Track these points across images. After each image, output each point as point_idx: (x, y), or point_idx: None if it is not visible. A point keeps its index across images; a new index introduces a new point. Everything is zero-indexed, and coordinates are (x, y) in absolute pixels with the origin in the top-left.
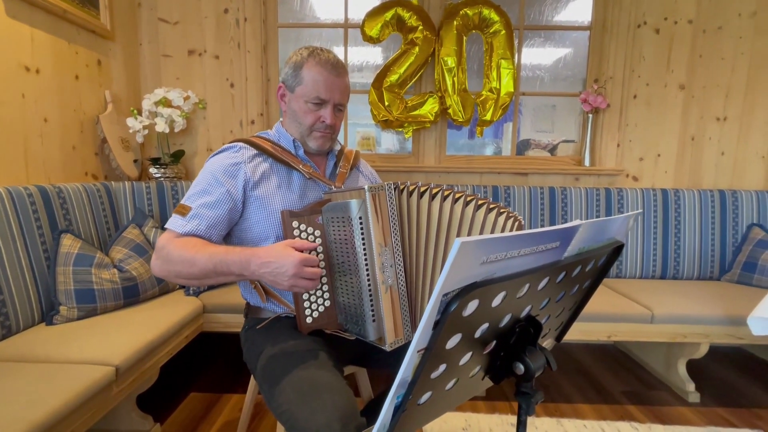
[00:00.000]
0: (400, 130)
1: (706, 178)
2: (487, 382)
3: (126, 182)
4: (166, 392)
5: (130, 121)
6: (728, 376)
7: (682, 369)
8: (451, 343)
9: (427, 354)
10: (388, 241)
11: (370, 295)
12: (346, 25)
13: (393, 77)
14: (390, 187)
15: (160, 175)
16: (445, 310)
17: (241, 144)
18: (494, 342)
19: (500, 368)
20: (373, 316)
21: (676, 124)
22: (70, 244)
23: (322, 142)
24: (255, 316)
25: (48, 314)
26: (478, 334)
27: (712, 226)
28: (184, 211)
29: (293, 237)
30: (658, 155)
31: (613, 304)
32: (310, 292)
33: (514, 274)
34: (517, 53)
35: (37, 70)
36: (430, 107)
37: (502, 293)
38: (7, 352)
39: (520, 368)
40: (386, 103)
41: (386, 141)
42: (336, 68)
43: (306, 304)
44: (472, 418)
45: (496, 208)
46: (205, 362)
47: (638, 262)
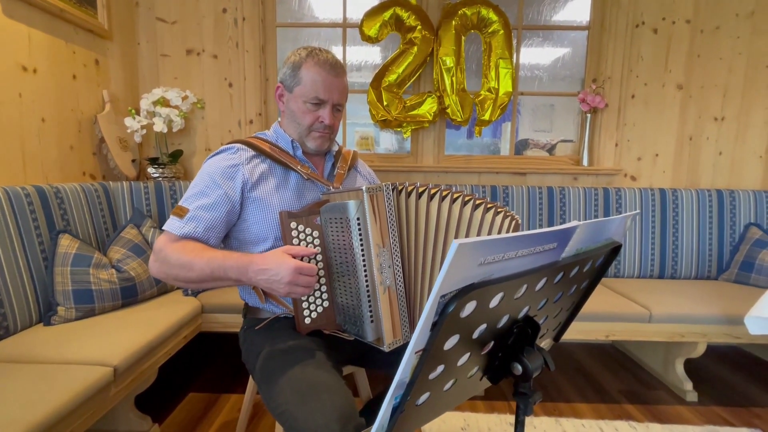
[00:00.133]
0: (399, 129)
1: (704, 178)
2: (486, 382)
3: (124, 182)
4: (165, 392)
5: (128, 121)
6: (726, 375)
7: (679, 368)
8: (449, 344)
9: (425, 355)
10: (386, 242)
11: (369, 296)
12: (345, 25)
13: (391, 77)
14: (388, 188)
15: (158, 175)
16: (442, 312)
17: (238, 145)
18: (492, 343)
19: (498, 369)
20: (371, 316)
21: (674, 124)
22: (67, 245)
23: (321, 142)
24: (254, 316)
25: (46, 315)
26: (476, 335)
27: (710, 225)
28: (182, 213)
29: (291, 238)
30: (656, 155)
31: (611, 304)
32: (308, 294)
33: (511, 275)
34: (515, 53)
35: (34, 70)
36: (429, 107)
37: (500, 294)
38: (4, 353)
39: (518, 369)
40: (385, 103)
41: (385, 141)
42: (335, 68)
43: (304, 305)
44: (471, 418)
45: (494, 208)
46: (204, 362)
47: (636, 261)
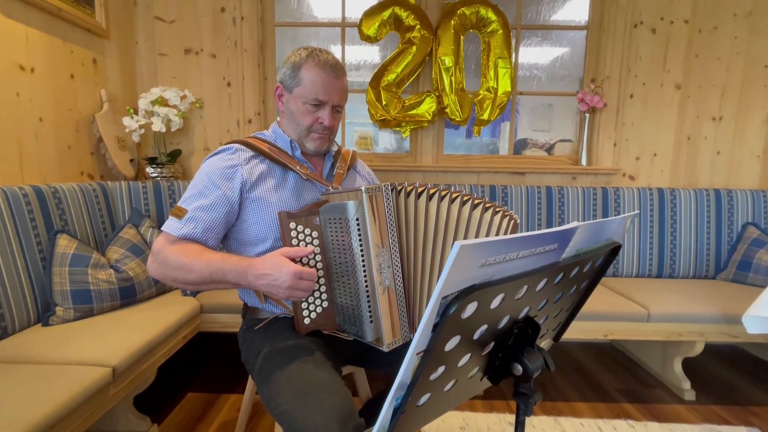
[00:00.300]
0: (398, 129)
1: (702, 178)
2: (486, 382)
3: (122, 182)
4: (164, 393)
5: (127, 121)
6: (723, 374)
7: (678, 367)
8: (450, 345)
9: (427, 356)
10: (386, 242)
11: (368, 297)
12: (344, 24)
13: (390, 76)
14: (387, 188)
15: (156, 175)
16: (444, 313)
17: (237, 146)
18: (493, 343)
19: (498, 369)
20: (370, 317)
21: (672, 124)
22: (66, 245)
23: (320, 143)
24: (253, 316)
25: (44, 315)
26: (476, 336)
27: (708, 225)
28: (180, 214)
29: (291, 238)
30: (655, 154)
31: (609, 303)
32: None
33: (512, 276)
34: (514, 53)
35: (31, 69)
36: (428, 106)
37: (501, 295)
38: (3, 354)
39: (519, 369)
40: (384, 103)
41: (384, 140)
42: (335, 70)
43: (304, 305)
44: (470, 417)
45: (492, 207)
46: (203, 362)
47: (634, 260)
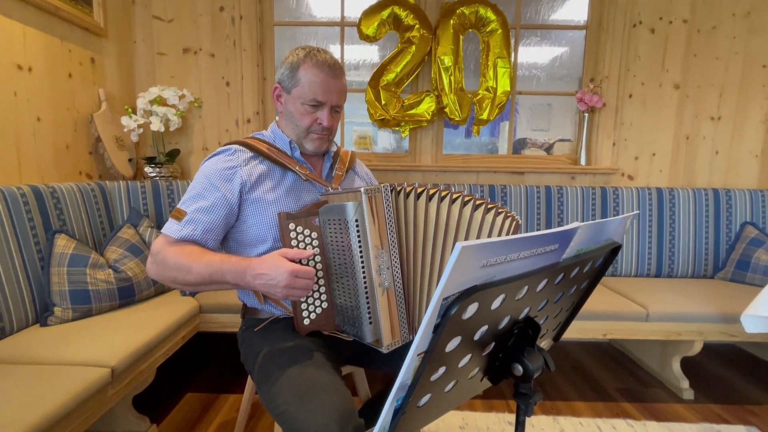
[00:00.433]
0: (397, 129)
1: (701, 177)
2: (486, 383)
3: (121, 181)
4: (163, 393)
5: (125, 120)
6: (722, 373)
7: (676, 366)
8: (451, 346)
9: (427, 357)
10: (385, 244)
11: (367, 298)
12: (343, 24)
13: (390, 76)
14: (386, 189)
15: (155, 174)
16: (445, 314)
17: (236, 147)
18: (493, 344)
19: (499, 369)
20: (369, 318)
21: (670, 123)
22: (64, 245)
23: (319, 143)
24: (252, 316)
25: (42, 315)
26: (477, 337)
27: (706, 224)
28: (180, 216)
29: (290, 239)
30: (653, 154)
31: (608, 303)
32: (307, 294)
33: (513, 277)
34: (513, 52)
35: (29, 69)
36: (427, 106)
37: (502, 296)
38: (1, 354)
39: (519, 369)
40: (383, 102)
41: (383, 140)
42: (333, 69)
43: (303, 306)
44: (469, 417)
45: (494, 209)
46: (202, 363)
47: (633, 260)
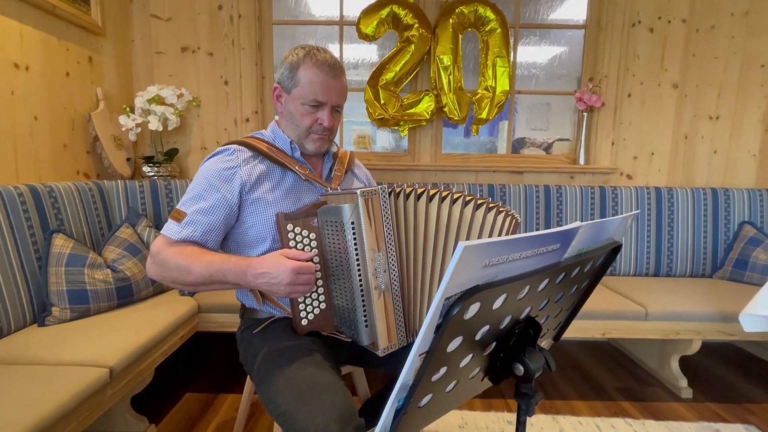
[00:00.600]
0: (396, 128)
1: (699, 177)
2: (487, 383)
3: (119, 181)
4: (161, 393)
5: (123, 119)
6: (720, 372)
7: (675, 365)
8: (452, 346)
9: (429, 357)
10: (382, 246)
11: (363, 301)
12: (342, 23)
13: (389, 75)
14: (384, 191)
15: (153, 174)
16: (447, 314)
17: (235, 146)
18: (494, 343)
19: (500, 369)
20: (365, 321)
21: (669, 123)
22: (62, 244)
23: (320, 144)
24: (251, 316)
25: (40, 315)
26: (478, 337)
27: (705, 223)
28: (180, 217)
29: (288, 240)
30: (652, 154)
31: (607, 302)
32: (306, 295)
33: (515, 277)
34: (512, 51)
35: (26, 67)
36: (426, 105)
37: (504, 295)
38: None
39: (520, 369)
40: (382, 101)
41: (382, 139)
42: (333, 69)
43: (301, 307)
44: (469, 416)
45: (495, 208)
46: (201, 362)
47: (632, 259)
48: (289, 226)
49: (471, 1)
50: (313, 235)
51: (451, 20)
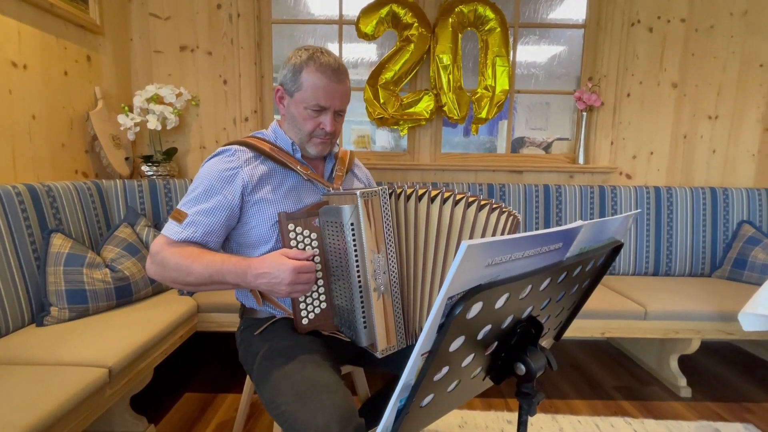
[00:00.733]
0: (396, 127)
1: (698, 176)
2: (488, 382)
3: (117, 180)
4: (161, 393)
5: (122, 118)
6: (719, 371)
7: (674, 364)
8: (455, 346)
9: (431, 357)
10: (381, 248)
11: (362, 302)
12: (341, 22)
13: (388, 74)
14: (384, 192)
15: (152, 173)
16: (449, 314)
17: (236, 147)
18: (496, 343)
19: (501, 369)
20: (364, 322)
21: (668, 123)
22: (60, 244)
23: (322, 148)
24: (250, 316)
25: (38, 315)
26: (480, 336)
27: (704, 223)
28: (180, 218)
29: (289, 239)
30: (651, 153)
31: (606, 301)
32: (306, 295)
33: (518, 276)
34: (512, 51)
35: (24, 66)
36: (426, 105)
37: (506, 295)
38: None
39: (521, 369)
40: (381, 101)
41: (381, 138)
42: (336, 74)
43: (302, 306)
44: (469, 416)
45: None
46: (200, 362)
47: (631, 259)
48: (291, 226)
49: (470, 1)
50: (314, 235)
51: (450, 19)
